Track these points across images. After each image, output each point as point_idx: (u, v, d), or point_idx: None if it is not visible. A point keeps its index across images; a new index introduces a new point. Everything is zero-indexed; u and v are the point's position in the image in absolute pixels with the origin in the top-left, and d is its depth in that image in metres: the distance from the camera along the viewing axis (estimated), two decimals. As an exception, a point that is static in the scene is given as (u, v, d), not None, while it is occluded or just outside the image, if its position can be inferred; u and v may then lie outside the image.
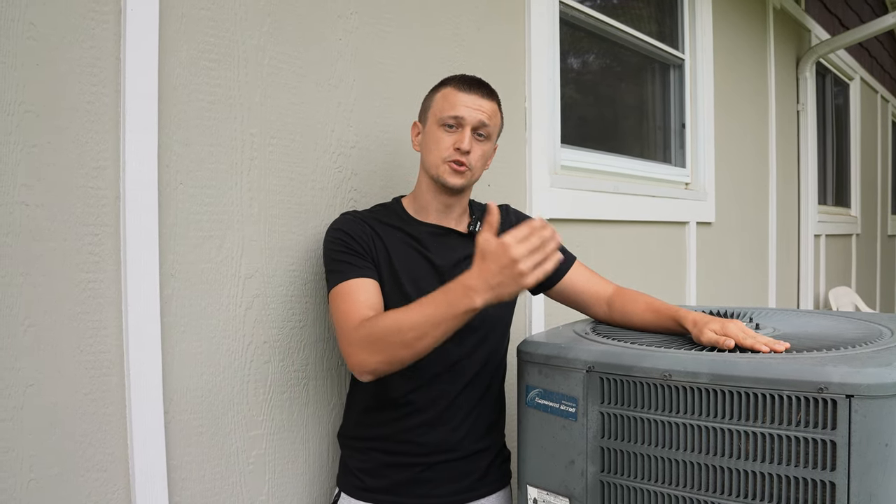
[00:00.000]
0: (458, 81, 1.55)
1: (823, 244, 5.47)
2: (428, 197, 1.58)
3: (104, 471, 1.30)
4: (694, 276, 3.49)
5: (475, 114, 1.51)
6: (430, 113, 1.57)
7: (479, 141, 1.53)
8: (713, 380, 1.22)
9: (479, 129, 1.52)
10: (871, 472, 1.11)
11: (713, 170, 3.66)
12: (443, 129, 1.52)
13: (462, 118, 1.51)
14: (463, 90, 1.52)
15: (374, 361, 1.34)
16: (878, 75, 7.53)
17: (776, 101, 4.56)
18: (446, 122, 1.51)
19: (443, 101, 1.54)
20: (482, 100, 1.52)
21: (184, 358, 1.43)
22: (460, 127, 1.51)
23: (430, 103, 1.58)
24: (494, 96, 1.57)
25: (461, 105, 1.51)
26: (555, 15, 2.56)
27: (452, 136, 1.52)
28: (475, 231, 1.59)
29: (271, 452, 1.59)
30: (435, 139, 1.53)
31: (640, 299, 1.62)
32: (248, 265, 1.54)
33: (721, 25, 3.75)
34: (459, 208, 1.61)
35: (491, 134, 1.55)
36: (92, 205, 1.28)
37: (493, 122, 1.55)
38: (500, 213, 1.66)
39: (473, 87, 1.53)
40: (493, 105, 1.55)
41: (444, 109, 1.52)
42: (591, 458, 1.35)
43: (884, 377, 1.12)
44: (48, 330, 1.23)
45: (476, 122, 1.51)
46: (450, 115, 1.51)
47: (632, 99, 3.40)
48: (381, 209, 1.63)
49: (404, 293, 1.51)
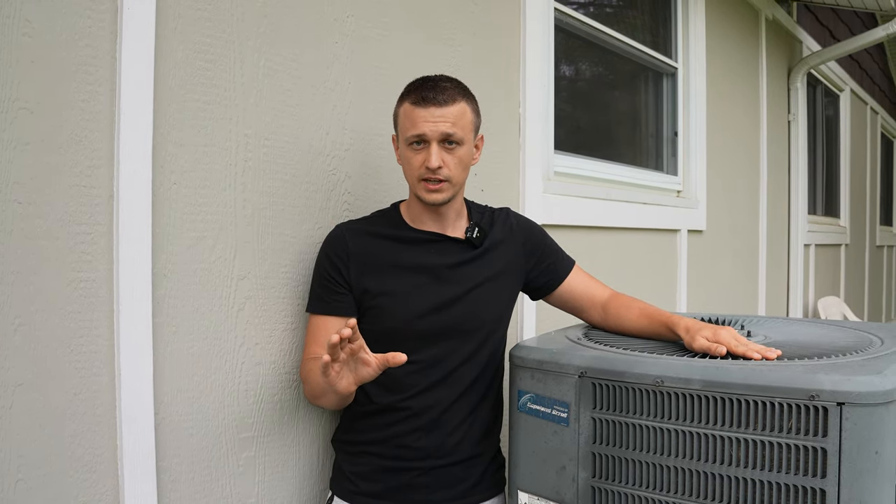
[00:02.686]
0: (413, 94, 1.49)
1: (813, 254, 5.50)
2: (419, 209, 1.58)
3: (93, 471, 1.29)
4: (684, 284, 3.50)
5: (437, 127, 1.46)
6: (399, 129, 1.54)
7: (451, 150, 1.48)
8: (705, 386, 1.22)
9: (446, 139, 1.47)
10: (862, 480, 1.12)
11: (705, 178, 3.68)
12: (411, 149, 1.50)
13: (423, 135, 1.46)
14: (419, 105, 1.46)
15: (309, 397, 1.57)
16: (868, 87, 7.59)
17: (767, 111, 4.58)
18: (411, 142, 1.49)
19: (404, 118, 1.50)
20: (442, 108, 1.46)
21: (175, 359, 1.42)
22: (425, 143, 1.47)
23: (396, 119, 1.55)
24: (457, 96, 1.49)
25: (420, 122, 1.46)
26: (550, 22, 2.57)
27: (420, 154, 1.48)
28: (472, 237, 1.59)
29: (262, 455, 1.58)
30: (406, 159, 1.52)
31: (635, 305, 1.62)
32: (241, 266, 1.53)
33: (714, 35, 3.78)
34: (453, 213, 1.60)
35: (462, 138, 1.49)
36: (85, 204, 1.28)
37: (459, 125, 1.48)
38: (500, 216, 1.68)
39: (429, 98, 1.46)
40: (457, 107, 1.48)
41: (406, 128, 1.49)
42: (583, 464, 1.35)
43: (875, 385, 1.12)
44: (39, 329, 1.22)
45: (440, 136, 1.46)
46: (412, 134, 1.48)
47: (625, 106, 3.42)
48: (379, 217, 1.63)
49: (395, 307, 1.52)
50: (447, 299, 1.54)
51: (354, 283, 1.53)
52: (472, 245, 1.59)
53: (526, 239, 1.69)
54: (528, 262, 1.68)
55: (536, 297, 1.76)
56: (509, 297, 1.66)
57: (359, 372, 1.33)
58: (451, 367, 1.54)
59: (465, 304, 1.56)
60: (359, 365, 1.33)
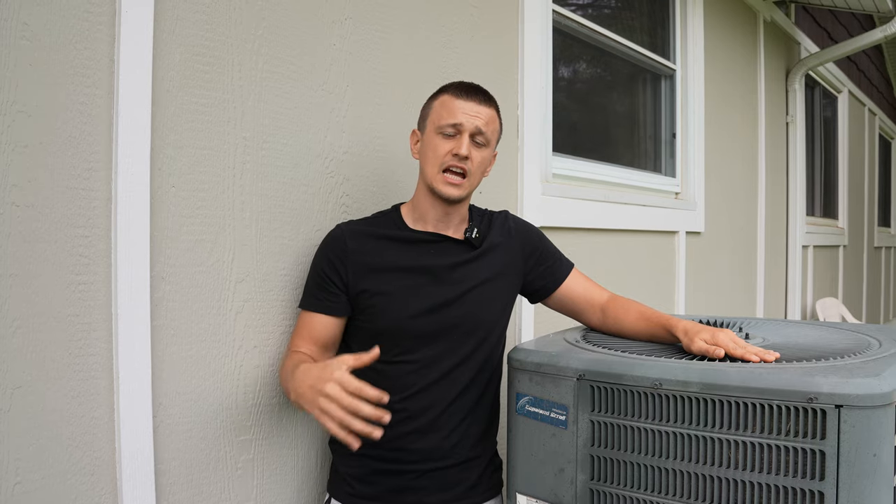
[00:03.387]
0: (455, 88, 1.56)
1: (811, 255, 5.50)
2: (426, 206, 1.58)
3: (91, 474, 1.29)
4: (683, 286, 3.50)
5: (473, 120, 1.52)
6: (428, 121, 1.57)
7: (478, 147, 1.54)
8: (703, 389, 1.22)
9: (477, 135, 1.53)
10: (860, 483, 1.12)
11: (703, 180, 3.68)
12: (441, 137, 1.53)
13: (460, 124, 1.52)
14: (460, 97, 1.53)
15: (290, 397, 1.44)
16: (866, 88, 7.60)
17: (766, 113, 4.59)
18: (444, 130, 1.53)
19: (441, 108, 1.54)
20: (480, 106, 1.53)
21: (173, 361, 1.42)
22: (458, 133, 1.52)
23: (428, 111, 1.58)
24: (492, 102, 1.58)
25: (459, 111, 1.52)
26: (548, 24, 2.57)
27: (451, 142, 1.52)
28: (471, 237, 1.59)
29: (260, 457, 1.58)
30: (433, 146, 1.54)
31: (633, 307, 1.63)
32: (240, 269, 1.53)
33: (712, 37, 3.78)
34: (458, 217, 1.61)
35: (489, 140, 1.56)
36: (83, 206, 1.28)
37: (490, 127, 1.55)
38: (498, 218, 1.68)
39: (471, 93, 1.54)
40: (491, 111, 1.56)
41: (443, 117, 1.53)
42: (581, 467, 1.35)
43: (872, 388, 1.12)
44: (37, 331, 1.22)
45: (473, 129, 1.52)
46: (448, 122, 1.52)
47: (623, 108, 3.42)
48: (380, 218, 1.64)
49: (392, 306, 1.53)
50: (445, 300, 1.54)
51: (351, 283, 1.53)
52: (471, 246, 1.59)
53: (524, 241, 1.69)
54: (525, 265, 1.69)
55: (535, 300, 1.76)
56: (507, 299, 1.67)
57: None
58: (448, 368, 1.54)
59: (463, 305, 1.56)
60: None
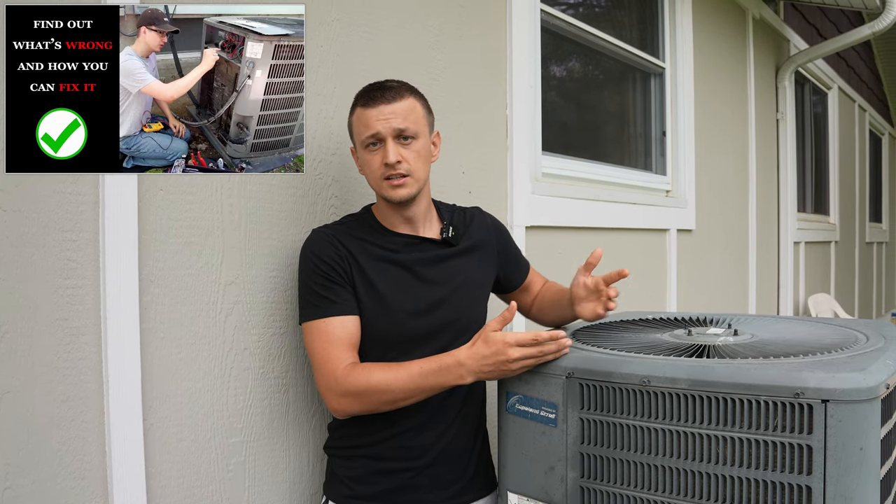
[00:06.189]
0: (363, 97, 1.53)
1: (803, 251, 5.52)
2: (388, 212, 1.59)
3: (82, 478, 1.29)
4: (674, 283, 3.51)
5: (389, 123, 1.49)
6: (354, 138, 1.57)
7: (406, 145, 1.51)
8: (691, 385, 1.23)
9: (400, 134, 1.50)
10: (847, 476, 1.12)
11: (693, 177, 3.69)
12: (368, 151, 1.52)
13: (378, 133, 1.49)
14: (369, 105, 1.50)
15: (356, 409, 1.47)
16: (856, 85, 7.63)
17: (756, 110, 4.60)
18: (368, 143, 1.51)
19: (357, 123, 1.53)
20: (391, 105, 1.49)
21: (163, 365, 1.42)
22: (381, 142, 1.50)
23: (350, 128, 1.58)
24: (404, 93, 1.53)
25: (372, 121, 1.49)
26: (536, 23, 2.58)
27: (378, 153, 1.51)
28: (448, 237, 1.60)
29: (251, 460, 1.58)
30: (366, 162, 1.54)
31: (553, 288, 1.79)
32: (229, 272, 1.53)
33: (701, 35, 3.79)
34: (422, 215, 1.60)
35: (417, 131, 1.52)
36: (71, 211, 1.28)
37: (411, 119, 1.51)
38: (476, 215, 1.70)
39: (377, 97, 1.50)
40: (406, 103, 1.52)
41: (361, 131, 1.52)
42: (571, 464, 1.35)
43: (858, 382, 1.13)
44: (25, 336, 1.22)
45: (393, 131, 1.49)
46: (367, 135, 1.51)
47: (613, 107, 3.43)
48: (352, 221, 1.62)
49: (388, 309, 1.52)
50: (434, 301, 1.55)
51: (356, 282, 1.52)
52: (448, 244, 1.60)
53: (498, 238, 1.74)
54: (498, 260, 1.73)
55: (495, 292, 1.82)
56: (488, 294, 1.72)
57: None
58: None
59: (452, 304, 1.57)
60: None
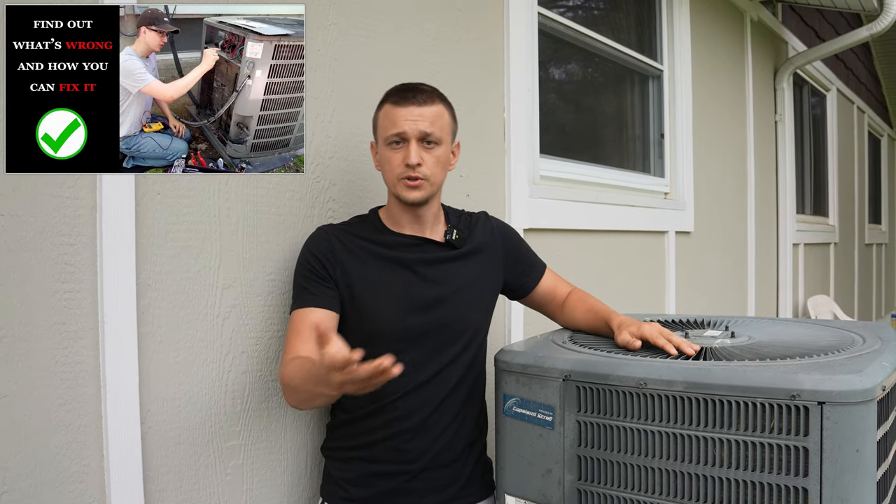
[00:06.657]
0: (394, 96, 1.54)
1: (802, 253, 5.52)
2: (397, 211, 1.59)
3: (80, 482, 1.29)
4: (673, 286, 3.51)
5: (416, 125, 1.50)
6: (377, 133, 1.58)
7: (429, 149, 1.52)
8: (688, 388, 1.23)
9: (425, 137, 1.51)
10: (843, 478, 1.13)
11: (692, 180, 3.69)
12: (390, 148, 1.53)
13: (404, 133, 1.50)
14: (399, 104, 1.51)
15: (293, 403, 1.46)
16: (854, 86, 7.63)
17: (754, 112, 4.60)
18: (391, 141, 1.52)
19: (384, 119, 1.54)
20: (420, 108, 1.51)
21: (161, 368, 1.42)
22: (405, 142, 1.51)
23: (376, 123, 1.58)
24: (435, 98, 1.55)
25: (400, 120, 1.50)
26: (533, 26, 2.58)
27: (400, 152, 1.51)
28: (452, 240, 1.60)
29: (249, 463, 1.58)
30: (386, 159, 1.54)
31: (586, 302, 1.71)
32: (226, 275, 1.53)
33: (699, 37, 3.79)
34: (431, 217, 1.61)
35: (441, 138, 1.54)
36: (68, 215, 1.28)
37: (437, 125, 1.53)
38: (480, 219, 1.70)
39: (409, 98, 1.52)
40: (436, 108, 1.53)
41: (387, 128, 1.52)
42: (569, 467, 1.35)
43: (854, 384, 1.13)
44: (23, 340, 1.22)
45: (419, 134, 1.50)
46: (392, 133, 1.51)
47: (611, 109, 3.43)
48: (359, 221, 1.64)
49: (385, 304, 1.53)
50: (432, 300, 1.56)
51: (340, 281, 1.53)
52: (451, 247, 1.60)
53: (504, 242, 1.73)
54: (506, 264, 1.72)
55: (513, 298, 1.81)
56: (491, 299, 1.69)
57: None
58: (437, 369, 1.55)
59: (451, 305, 1.57)
60: None
